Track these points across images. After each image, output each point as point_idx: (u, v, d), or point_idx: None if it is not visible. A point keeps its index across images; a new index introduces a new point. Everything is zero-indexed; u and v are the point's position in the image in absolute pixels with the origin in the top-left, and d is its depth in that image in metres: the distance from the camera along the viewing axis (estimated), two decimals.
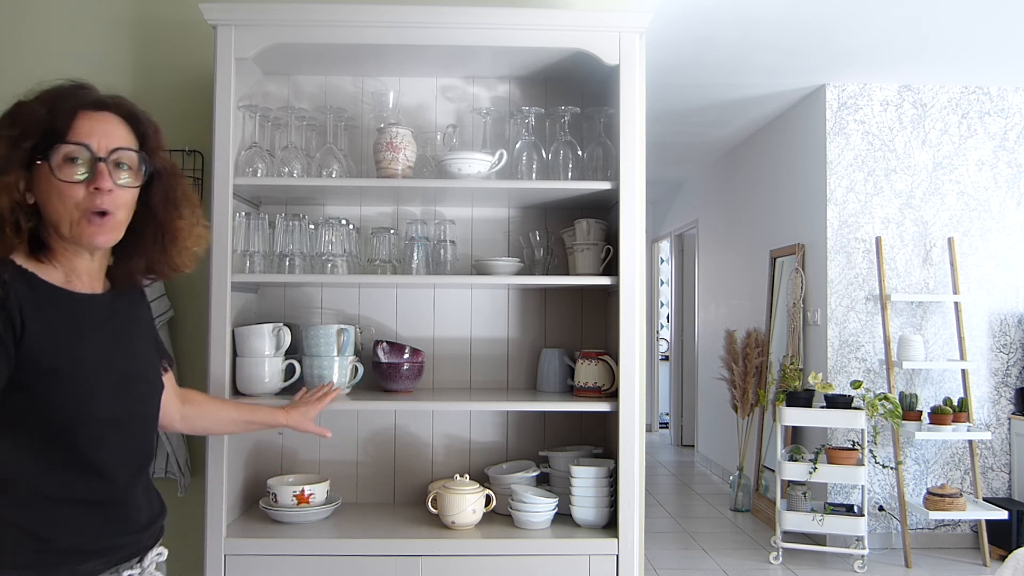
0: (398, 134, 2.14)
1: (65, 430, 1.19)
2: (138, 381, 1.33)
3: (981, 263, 4.61)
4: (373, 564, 1.98)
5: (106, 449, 1.24)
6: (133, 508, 1.30)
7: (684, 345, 7.94)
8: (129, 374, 1.31)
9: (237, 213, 2.11)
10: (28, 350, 1.15)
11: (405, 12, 2.05)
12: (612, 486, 2.11)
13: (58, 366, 1.18)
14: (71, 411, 1.19)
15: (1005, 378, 4.61)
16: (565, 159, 2.23)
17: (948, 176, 4.61)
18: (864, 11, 3.51)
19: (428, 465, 2.38)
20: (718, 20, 3.61)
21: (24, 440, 1.18)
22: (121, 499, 1.27)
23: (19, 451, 1.17)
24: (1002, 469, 4.59)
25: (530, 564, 2.00)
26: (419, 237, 2.25)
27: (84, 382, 1.21)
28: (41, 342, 1.17)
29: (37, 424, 1.18)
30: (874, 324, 4.54)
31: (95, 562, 1.23)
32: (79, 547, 1.20)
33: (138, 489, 1.31)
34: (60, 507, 1.19)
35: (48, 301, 1.21)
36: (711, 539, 4.70)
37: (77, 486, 1.21)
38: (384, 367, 2.19)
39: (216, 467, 2.00)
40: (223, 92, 2.03)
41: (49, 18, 2.44)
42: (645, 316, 4.45)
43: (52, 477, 1.19)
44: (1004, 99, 4.64)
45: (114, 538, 1.25)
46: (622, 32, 2.06)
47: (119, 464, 1.27)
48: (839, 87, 4.59)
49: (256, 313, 2.34)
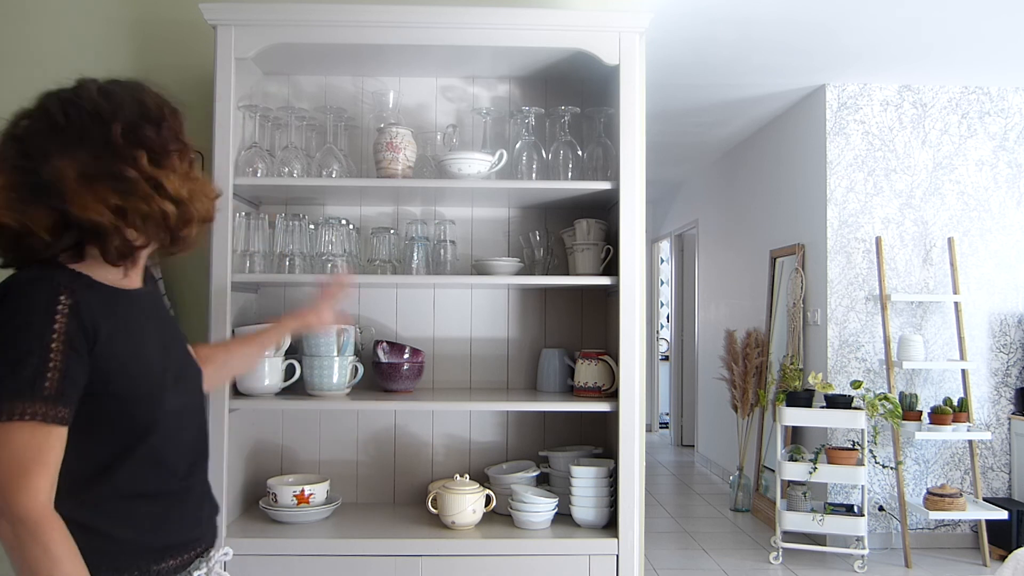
0: (398, 134, 2.14)
1: (140, 428, 1.20)
2: (188, 369, 1.35)
3: (981, 263, 4.61)
4: (373, 564, 1.98)
5: (174, 441, 1.25)
6: (194, 501, 1.31)
7: (684, 345, 7.94)
8: (181, 363, 1.33)
9: (237, 213, 2.11)
10: (101, 355, 1.14)
11: (405, 12, 2.05)
12: (612, 486, 2.11)
13: (130, 367, 1.18)
14: (145, 409, 1.20)
15: (1005, 378, 4.61)
16: (565, 159, 2.23)
17: (948, 176, 4.61)
18: (864, 11, 3.51)
19: (428, 465, 2.38)
20: (718, 20, 3.61)
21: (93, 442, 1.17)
22: (185, 490, 1.28)
23: (88, 453, 1.16)
24: (1002, 469, 4.59)
25: (530, 564, 2.00)
26: (419, 237, 2.25)
27: (154, 379, 1.22)
28: (112, 346, 1.16)
29: (108, 425, 1.17)
30: (874, 324, 4.54)
31: (168, 561, 1.23)
32: (150, 545, 1.21)
33: (198, 479, 1.33)
34: (129, 504, 1.20)
35: (111, 303, 1.20)
36: (711, 539, 4.70)
37: (145, 482, 1.21)
38: (384, 367, 2.19)
39: (216, 467, 1.99)
40: (223, 92, 2.03)
41: (49, 18, 2.44)
42: (645, 316, 4.45)
43: (120, 475, 1.19)
44: (1004, 99, 4.64)
45: (181, 533, 1.26)
46: (622, 32, 2.06)
47: (183, 456, 1.28)
48: (839, 87, 4.59)
49: (256, 313, 2.34)
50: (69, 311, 1.11)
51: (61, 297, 1.11)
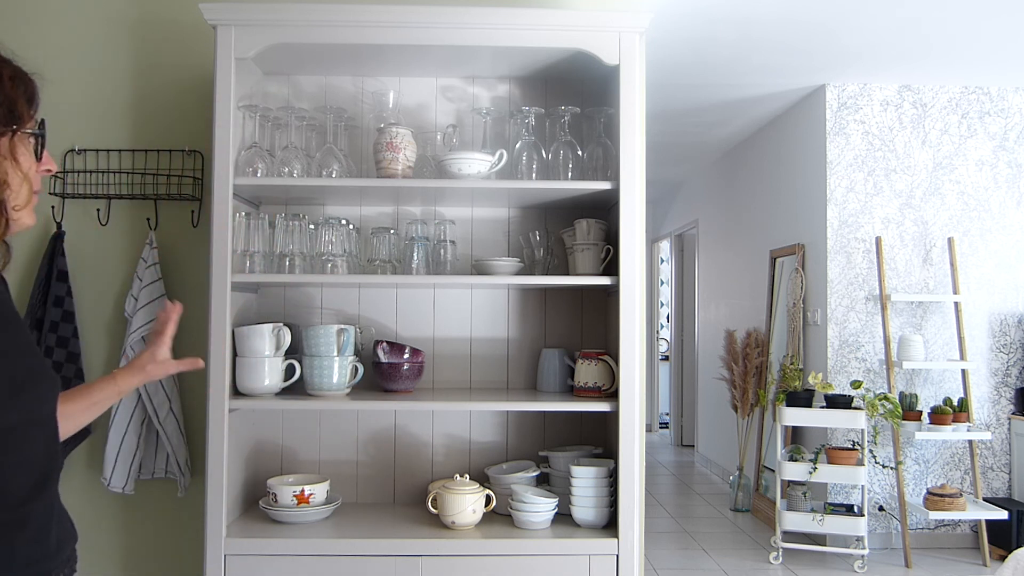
0: (398, 134, 2.14)
1: None
2: (32, 379, 1.10)
3: (981, 263, 4.61)
4: (373, 564, 1.98)
5: (9, 463, 1.04)
6: (34, 529, 1.07)
7: (684, 345, 7.94)
8: (22, 374, 1.09)
9: (237, 213, 2.11)
10: None
11: (405, 12, 2.05)
12: (612, 486, 2.11)
13: None
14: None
15: (1005, 378, 4.61)
16: (565, 159, 2.23)
17: (948, 176, 4.61)
18: (864, 11, 3.51)
19: (428, 465, 2.38)
20: (718, 20, 3.61)
21: None
22: (21, 520, 1.05)
23: None
24: (1002, 469, 4.59)
25: (530, 564, 2.00)
26: (419, 237, 2.25)
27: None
28: None
29: None
30: (874, 324, 4.54)
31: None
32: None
33: (42, 504, 1.09)
34: None
35: None
36: (711, 539, 4.70)
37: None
38: (384, 367, 2.19)
39: (216, 467, 2.00)
40: (223, 92, 2.03)
41: (49, 18, 2.44)
42: (645, 316, 4.45)
43: None
44: (1004, 99, 4.64)
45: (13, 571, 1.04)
46: (622, 32, 2.06)
47: (22, 478, 1.06)
48: (839, 87, 4.59)
49: (256, 313, 2.34)
50: None
51: None
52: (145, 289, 2.31)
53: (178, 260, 2.41)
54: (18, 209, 1.09)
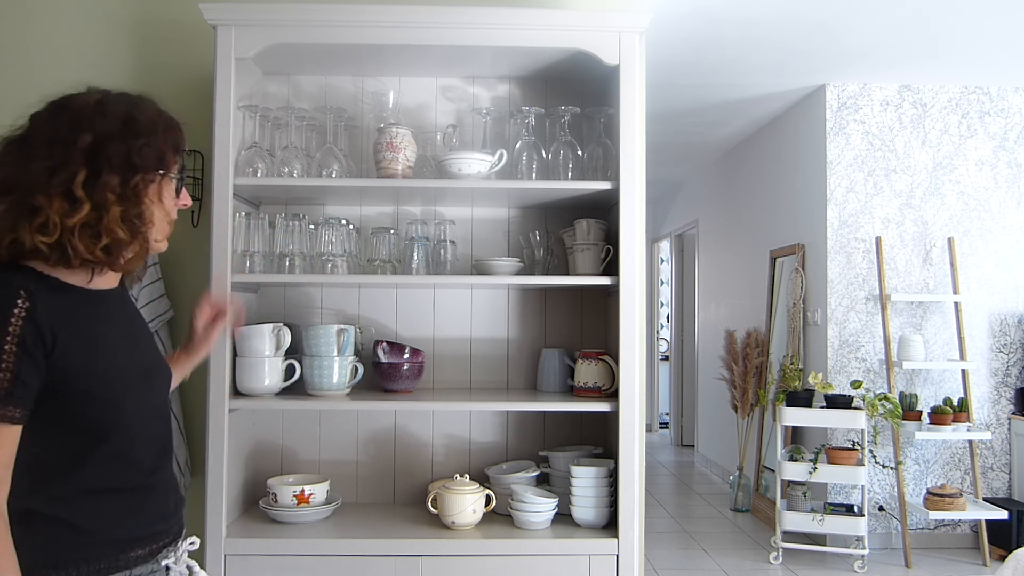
0: (398, 134, 2.14)
1: (104, 426, 1.22)
2: (156, 369, 1.37)
3: (981, 263, 4.61)
4: (373, 564, 1.98)
5: (140, 438, 1.28)
6: (160, 494, 1.33)
7: (684, 345, 7.94)
8: (148, 364, 1.35)
9: (237, 213, 2.11)
10: (60, 358, 1.16)
11: (405, 12, 2.05)
12: (612, 486, 2.11)
13: (91, 369, 1.20)
14: (109, 409, 1.22)
15: (1005, 378, 4.61)
16: (565, 159, 2.23)
17: (948, 176, 4.61)
18: (864, 11, 3.51)
19: (428, 465, 2.38)
20: (718, 20, 3.61)
21: (59, 438, 1.19)
22: (151, 485, 1.31)
23: (54, 448, 1.19)
24: (1002, 469, 4.59)
25: (530, 564, 2.00)
26: (419, 237, 2.25)
27: (117, 380, 1.24)
28: (72, 348, 1.18)
29: (72, 423, 1.20)
30: (874, 324, 4.53)
31: (135, 552, 1.25)
32: (116, 538, 1.23)
33: (164, 475, 1.35)
34: (96, 498, 1.22)
35: (74, 306, 1.21)
36: (711, 539, 4.70)
37: (112, 476, 1.24)
38: (384, 367, 2.19)
39: (216, 467, 2.00)
40: (223, 92, 2.03)
41: (50, 18, 2.44)
42: (645, 316, 4.45)
43: (87, 471, 1.21)
44: (1004, 99, 4.64)
45: (148, 525, 1.29)
46: (622, 32, 2.06)
47: (150, 452, 1.31)
48: (839, 87, 4.59)
49: (256, 313, 2.34)
50: (25, 314, 1.13)
51: (18, 300, 1.13)
52: (145, 289, 2.30)
53: (178, 260, 2.41)
54: (158, 241, 1.33)
